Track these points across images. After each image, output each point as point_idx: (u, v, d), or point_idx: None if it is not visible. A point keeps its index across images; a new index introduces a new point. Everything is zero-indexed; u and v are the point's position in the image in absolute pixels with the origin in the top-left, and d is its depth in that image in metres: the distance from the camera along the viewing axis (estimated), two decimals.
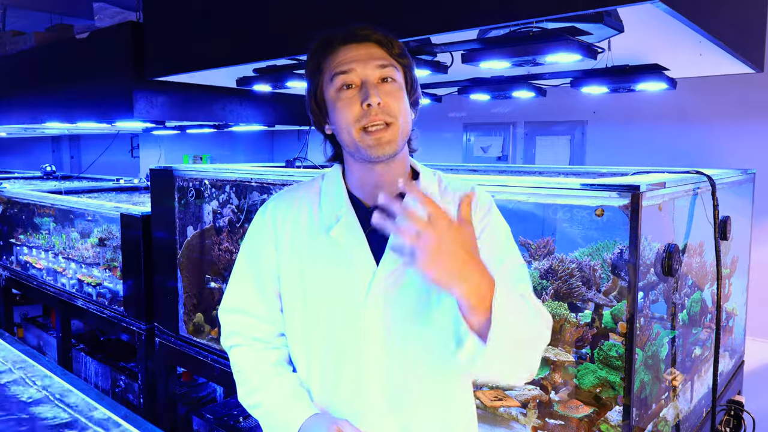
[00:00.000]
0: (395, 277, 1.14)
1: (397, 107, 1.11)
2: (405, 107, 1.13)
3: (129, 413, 1.59)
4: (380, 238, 1.15)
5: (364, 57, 1.11)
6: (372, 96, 1.08)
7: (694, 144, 4.43)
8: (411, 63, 1.18)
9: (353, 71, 1.10)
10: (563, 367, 1.83)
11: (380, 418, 1.17)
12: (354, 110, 1.10)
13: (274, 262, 1.23)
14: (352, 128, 1.10)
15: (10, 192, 4.43)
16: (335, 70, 1.12)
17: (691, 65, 2.58)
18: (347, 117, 1.11)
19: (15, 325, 4.68)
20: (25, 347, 2.12)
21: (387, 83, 1.12)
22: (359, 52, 1.12)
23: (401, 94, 1.13)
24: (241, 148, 7.80)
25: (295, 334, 1.24)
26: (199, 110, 3.57)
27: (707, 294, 2.27)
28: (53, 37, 4.01)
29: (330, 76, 1.13)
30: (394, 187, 1.16)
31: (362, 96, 1.09)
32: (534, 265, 2.01)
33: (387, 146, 1.10)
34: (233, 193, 2.67)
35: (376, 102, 1.08)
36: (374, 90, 1.09)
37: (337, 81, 1.12)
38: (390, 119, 1.10)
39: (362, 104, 1.09)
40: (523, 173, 3.17)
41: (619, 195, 1.56)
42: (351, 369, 1.17)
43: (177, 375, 3.21)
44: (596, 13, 1.69)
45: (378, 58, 1.12)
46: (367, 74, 1.10)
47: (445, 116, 5.83)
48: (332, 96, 1.13)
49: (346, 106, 1.11)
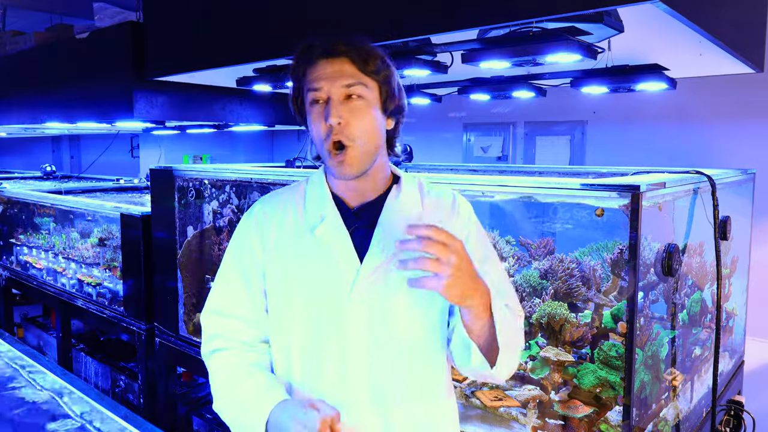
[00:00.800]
0: (378, 275, 1.18)
1: (358, 127, 1.14)
2: (369, 125, 1.16)
3: (129, 413, 1.59)
4: (363, 237, 1.20)
5: (333, 75, 1.15)
6: (332, 116, 1.13)
7: (694, 144, 4.43)
8: (389, 75, 1.20)
9: (321, 89, 1.15)
10: (563, 367, 1.83)
11: (363, 413, 1.19)
12: (321, 126, 1.15)
13: (260, 261, 1.26)
14: (322, 144, 1.16)
15: (10, 192, 4.43)
16: (308, 84, 1.17)
17: (691, 65, 2.58)
18: (316, 132, 1.17)
19: (15, 325, 4.68)
20: (25, 347, 2.12)
21: (351, 101, 1.15)
22: (331, 68, 1.15)
23: (366, 112, 1.16)
24: (241, 148, 7.80)
25: (278, 331, 1.25)
26: (199, 110, 3.57)
27: (707, 294, 2.27)
28: (53, 37, 4.01)
29: (306, 90, 1.18)
30: (375, 193, 1.24)
31: (324, 114, 1.14)
32: (534, 265, 2.01)
33: (348, 168, 1.15)
34: (233, 193, 2.67)
35: (336, 122, 1.13)
36: (336, 109, 1.13)
37: (309, 96, 1.17)
38: (348, 142, 1.14)
39: (326, 122, 1.14)
40: (523, 173, 3.17)
41: (619, 195, 1.56)
42: (334, 365, 1.19)
43: (177, 375, 3.20)
44: (596, 13, 1.69)
45: (347, 76, 1.15)
46: (333, 92, 1.14)
47: (445, 116, 5.83)
48: (308, 107, 1.19)
49: (315, 121, 1.16)
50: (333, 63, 1.16)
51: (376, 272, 1.18)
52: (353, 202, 1.23)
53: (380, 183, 1.24)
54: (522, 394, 1.86)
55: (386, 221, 1.21)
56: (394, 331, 1.19)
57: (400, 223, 1.18)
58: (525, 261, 2.08)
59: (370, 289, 1.18)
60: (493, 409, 1.87)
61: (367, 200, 1.23)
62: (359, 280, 1.18)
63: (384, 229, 1.20)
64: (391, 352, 1.19)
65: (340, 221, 1.21)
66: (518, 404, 1.85)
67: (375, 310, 1.18)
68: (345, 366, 1.18)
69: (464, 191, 1.80)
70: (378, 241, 1.19)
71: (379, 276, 1.18)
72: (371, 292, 1.18)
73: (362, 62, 1.16)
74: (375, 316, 1.18)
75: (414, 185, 1.28)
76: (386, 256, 1.18)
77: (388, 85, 1.20)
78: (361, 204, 1.23)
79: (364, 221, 1.22)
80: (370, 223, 1.21)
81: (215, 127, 4.37)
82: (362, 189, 1.23)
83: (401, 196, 1.24)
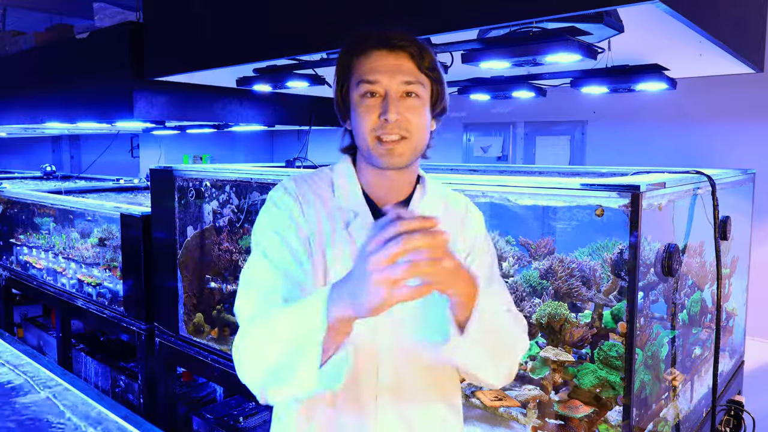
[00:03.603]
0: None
1: (415, 123, 1.12)
2: (424, 123, 1.15)
3: (129, 413, 1.59)
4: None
5: (392, 69, 1.11)
6: (391, 112, 1.10)
7: (694, 144, 4.43)
8: (441, 76, 1.18)
9: (378, 82, 1.11)
10: (563, 367, 1.83)
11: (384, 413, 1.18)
12: (372, 119, 1.12)
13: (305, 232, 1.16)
14: (367, 136, 1.13)
15: (10, 192, 4.43)
16: (362, 76, 1.13)
17: (691, 65, 2.58)
18: (365, 124, 1.13)
19: (15, 325, 4.68)
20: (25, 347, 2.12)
21: (410, 98, 1.12)
22: (389, 62, 1.12)
23: (422, 110, 1.14)
24: (241, 148, 7.81)
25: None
26: (199, 110, 3.57)
27: (707, 294, 2.27)
28: (53, 37, 4.01)
29: (357, 80, 1.14)
30: (404, 193, 1.22)
31: (382, 108, 1.11)
32: (534, 265, 2.01)
33: (398, 158, 1.13)
34: (233, 193, 2.67)
35: (394, 118, 1.10)
36: (395, 105, 1.10)
37: (362, 87, 1.13)
38: (405, 133, 1.12)
39: (380, 116, 1.11)
40: (523, 173, 3.17)
41: (619, 195, 1.56)
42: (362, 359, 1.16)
43: (177, 375, 3.21)
44: (596, 13, 1.69)
45: (406, 72, 1.12)
46: (392, 87, 1.11)
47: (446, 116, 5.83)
48: (356, 100, 1.14)
49: (365, 114, 1.12)
50: (390, 56, 1.12)
51: None
52: (381, 200, 1.21)
53: (409, 183, 1.23)
54: (522, 394, 1.86)
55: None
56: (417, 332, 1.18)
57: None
58: (525, 261, 2.08)
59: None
60: (493, 409, 1.87)
61: (394, 200, 1.21)
62: None
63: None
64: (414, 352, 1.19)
65: (372, 220, 1.18)
66: (518, 404, 1.85)
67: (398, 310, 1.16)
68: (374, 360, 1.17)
69: (464, 191, 1.80)
70: None
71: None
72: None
73: (421, 57, 1.13)
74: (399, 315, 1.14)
75: (436, 188, 1.27)
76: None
77: (441, 85, 1.18)
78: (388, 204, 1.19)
79: None
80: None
81: (215, 127, 4.37)
82: (393, 186, 1.21)
83: (425, 199, 1.23)
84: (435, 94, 1.17)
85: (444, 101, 1.20)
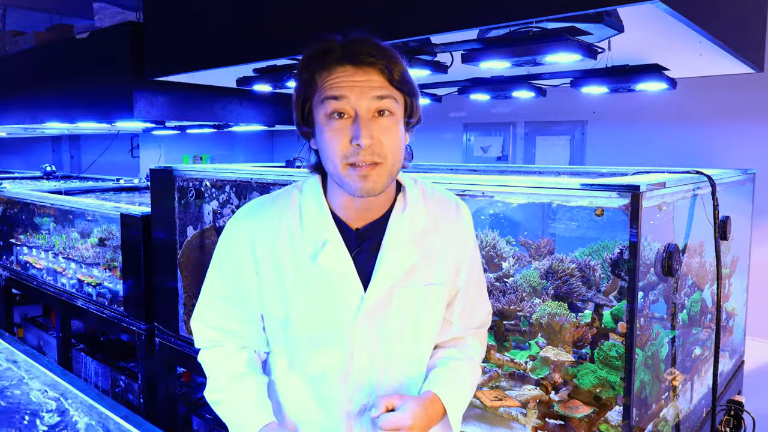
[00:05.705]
0: (383, 300, 1.12)
1: (389, 145, 1.02)
2: (398, 143, 1.05)
3: (129, 413, 1.59)
4: (367, 260, 1.12)
5: (361, 85, 1.00)
6: (363, 137, 0.99)
7: (694, 144, 4.43)
8: (413, 87, 1.08)
9: (346, 99, 1.00)
10: (563, 367, 1.83)
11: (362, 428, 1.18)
12: (342, 144, 1.01)
13: (256, 287, 1.16)
14: (339, 163, 1.02)
15: (10, 192, 4.43)
16: (327, 92, 1.01)
17: (691, 65, 2.58)
18: (334, 150, 1.02)
19: (15, 325, 4.68)
20: (25, 347, 2.12)
21: (382, 117, 1.02)
22: (356, 78, 1.01)
23: (396, 130, 1.04)
24: (241, 148, 7.81)
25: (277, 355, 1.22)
26: (199, 110, 3.57)
27: (707, 294, 2.27)
28: (53, 37, 4.01)
29: (321, 97, 1.03)
30: (380, 212, 1.13)
31: (353, 132, 1.00)
32: (534, 265, 2.01)
33: (372, 184, 1.03)
34: (233, 193, 2.67)
35: (367, 143, 1.00)
36: (367, 128, 1.00)
37: (328, 106, 1.01)
38: (379, 159, 1.02)
39: (351, 141, 1.00)
40: (523, 173, 3.17)
41: (619, 195, 1.56)
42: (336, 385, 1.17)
43: (177, 375, 3.20)
44: (596, 13, 1.69)
45: (377, 87, 1.01)
46: (362, 106, 1.00)
47: (445, 116, 5.84)
48: (321, 120, 1.04)
49: (334, 138, 1.02)
50: (357, 71, 1.01)
51: (380, 298, 1.12)
52: (356, 221, 1.12)
53: (387, 200, 1.14)
54: (522, 394, 1.86)
55: (391, 243, 1.12)
56: (397, 351, 1.16)
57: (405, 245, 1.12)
58: (525, 261, 2.08)
59: (374, 314, 1.12)
60: (493, 409, 1.87)
61: (370, 219, 1.13)
62: (363, 308, 1.11)
63: (389, 252, 1.11)
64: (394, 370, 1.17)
65: (343, 247, 1.10)
66: (518, 404, 1.85)
67: (379, 334, 1.14)
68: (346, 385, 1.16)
69: (464, 191, 1.80)
70: (383, 266, 1.11)
71: (384, 301, 1.12)
72: (375, 317, 1.13)
73: (390, 72, 1.02)
74: (377, 340, 1.14)
75: (417, 194, 1.17)
76: (392, 280, 1.11)
77: (414, 96, 1.08)
78: (364, 225, 1.13)
79: (369, 243, 1.12)
80: (375, 245, 1.12)
81: (215, 127, 4.37)
82: (368, 206, 1.11)
83: (406, 212, 1.14)
84: (409, 107, 1.08)
85: (418, 112, 1.11)
